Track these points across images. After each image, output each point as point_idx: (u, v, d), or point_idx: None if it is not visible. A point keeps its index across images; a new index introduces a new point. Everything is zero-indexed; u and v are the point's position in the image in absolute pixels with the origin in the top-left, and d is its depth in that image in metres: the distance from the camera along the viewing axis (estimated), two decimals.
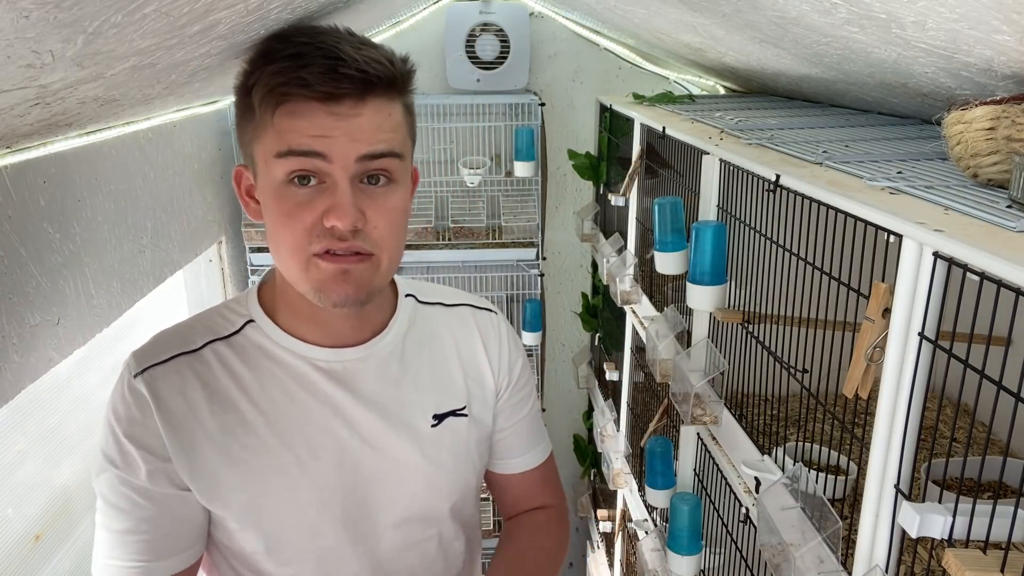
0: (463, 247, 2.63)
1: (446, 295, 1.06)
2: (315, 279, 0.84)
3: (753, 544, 1.27)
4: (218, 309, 0.96)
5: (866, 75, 1.39)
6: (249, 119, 0.83)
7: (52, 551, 1.40)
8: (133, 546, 0.87)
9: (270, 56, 0.81)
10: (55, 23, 0.54)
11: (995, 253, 0.68)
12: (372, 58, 0.80)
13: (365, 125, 0.81)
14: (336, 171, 0.81)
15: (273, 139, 0.81)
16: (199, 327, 0.93)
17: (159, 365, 0.88)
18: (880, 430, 0.86)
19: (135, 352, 0.90)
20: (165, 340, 0.92)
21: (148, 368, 0.88)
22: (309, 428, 0.91)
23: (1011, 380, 0.69)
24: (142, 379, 0.87)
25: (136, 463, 0.86)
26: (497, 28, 2.60)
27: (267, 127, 0.81)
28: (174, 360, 0.89)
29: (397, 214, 0.86)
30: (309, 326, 0.92)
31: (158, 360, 0.89)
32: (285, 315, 0.93)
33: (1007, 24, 0.82)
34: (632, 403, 2.34)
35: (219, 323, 0.93)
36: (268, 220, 0.85)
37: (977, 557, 0.71)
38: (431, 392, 0.98)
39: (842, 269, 1.00)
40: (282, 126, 0.80)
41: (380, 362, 0.95)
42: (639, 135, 2.03)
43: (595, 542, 2.94)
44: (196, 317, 0.96)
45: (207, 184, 2.00)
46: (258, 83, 0.80)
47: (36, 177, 1.16)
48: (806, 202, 1.04)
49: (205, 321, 0.94)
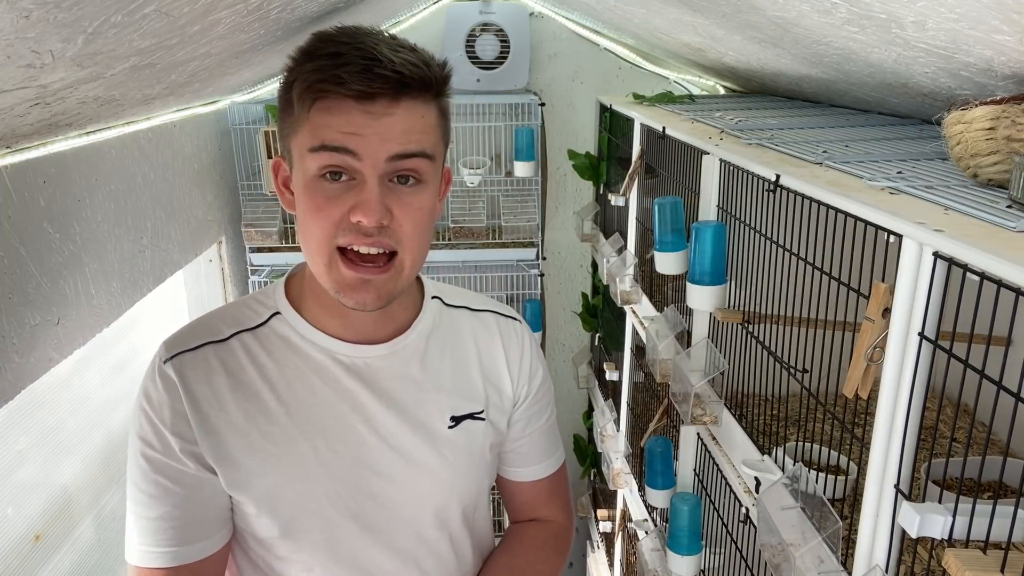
0: (463, 247, 2.63)
1: (472, 300, 1.08)
2: (336, 280, 0.86)
3: (753, 544, 1.27)
4: (245, 301, 0.98)
5: (866, 75, 1.39)
6: (288, 113, 0.86)
7: (52, 551, 1.40)
8: (166, 532, 0.90)
9: (311, 54, 0.83)
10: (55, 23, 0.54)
11: (995, 253, 0.68)
12: (408, 60, 0.82)
13: (397, 125, 0.82)
14: (366, 168, 0.82)
15: (308, 134, 0.83)
16: (227, 318, 0.96)
17: (187, 352, 0.91)
18: (880, 430, 0.86)
19: (166, 340, 0.93)
20: (194, 329, 0.94)
21: (177, 355, 0.91)
22: (328, 421, 0.93)
23: (1011, 380, 0.69)
24: (171, 365, 0.90)
25: (169, 445, 0.89)
26: (497, 28, 2.60)
27: (304, 122, 0.83)
28: (202, 348, 0.92)
29: (424, 214, 0.87)
30: (334, 319, 0.94)
31: (187, 347, 0.92)
32: (311, 307, 0.95)
33: (1007, 24, 0.82)
34: (632, 403, 2.34)
35: (246, 314, 0.96)
36: (299, 212, 0.88)
37: (977, 557, 0.71)
38: (451, 394, 0.99)
39: (842, 269, 1.00)
40: (317, 121, 0.82)
41: (402, 361, 0.97)
42: (639, 135, 2.03)
43: (595, 542, 2.94)
44: (225, 308, 0.99)
45: (207, 184, 2.00)
46: (297, 79, 0.83)
47: (36, 177, 1.16)
48: (806, 202, 1.04)
49: (233, 312, 0.97)
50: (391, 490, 0.95)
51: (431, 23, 2.69)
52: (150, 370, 0.92)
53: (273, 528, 0.93)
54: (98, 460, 1.60)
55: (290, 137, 0.87)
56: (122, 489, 1.67)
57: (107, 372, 1.65)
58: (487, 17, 2.59)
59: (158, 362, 0.91)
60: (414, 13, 2.67)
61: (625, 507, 2.33)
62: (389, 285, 0.87)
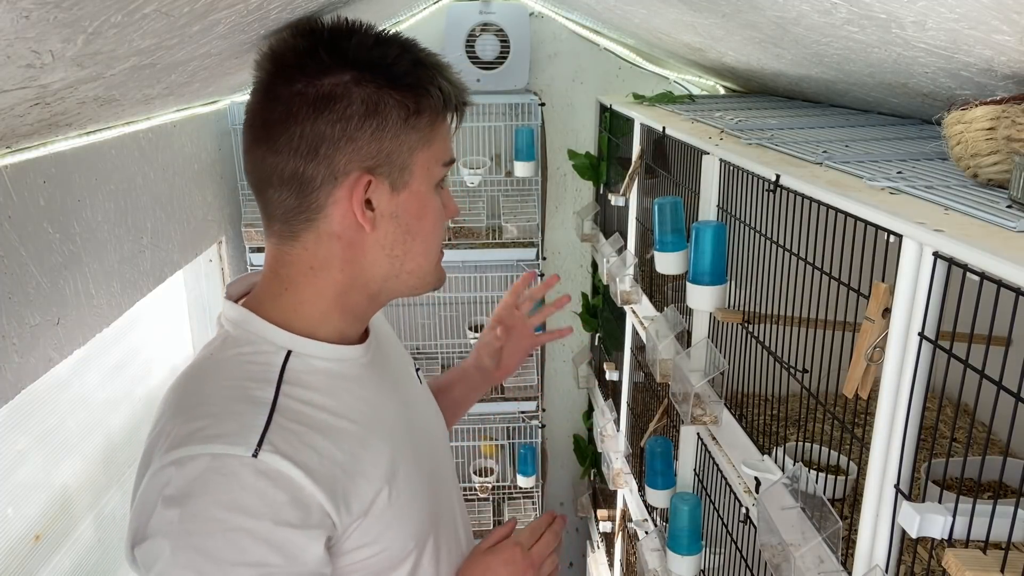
0: (463, 247, 2.64)
1: None
2: (440, 271, 0.94)
3: (753, 544, 1.27)
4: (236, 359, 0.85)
5: (866, 75, 1.39)
6: (412, 125, 0.85)
7: (52, 551, 1.40)
8: None
9: (439, 68, 0.88)
10: (55, 23, 0.54)
11: (995, 253, 0.68)
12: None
13: None
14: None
15: (442, 149, 0.89)
16: (246, 383, 0.82)
17: (268, 432, 0.77)
18: (880, 430, 0.86)
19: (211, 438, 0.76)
20: (234, 410, 0.79)
21: (261, 440, 0.76)
22: (390, 419, 0.93)
23: (1011, 380, 0.69)
24: (268, 455, 0.75)
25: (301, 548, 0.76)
26: (497, 28, 2.60)
27: (439, 137, 0.89)
28: (271, 423, 0.78)
29: None
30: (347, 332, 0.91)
31: (261, 430, 0.77)
32: (328, 329, 0.88)
33: (1007, 24, 0.82)
34: (632, 403, 2.34)
35: (258, 370, 0.83)
36: (425, 223, 0.90)
37: (977, 557, 0.71)
38: (405, 357, 1.09)
39: (842, 269, 1.00)
40: (444, 134, 0.90)
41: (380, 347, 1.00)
42: (639, 135, 2.03)
43: (595, 542, 2.94)
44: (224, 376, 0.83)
45: (207, 184, 2.00)
46: (436, 96, 0.86)
47: (36, 177, 1.16)
48: (806, 202, 1.04)
49: (242, 374, 0.83)
50: (442, 454, 1.05)
51: (431, 23, 2.69)
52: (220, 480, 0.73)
53: (404, 547, 0.89)
54: (98, 460, 1.60)
55: (415, 149, 0.86)
56: (122, 489, 1.67)
57: (107, 372, 1.64)
58: (487, 17, 2.59)
59: (235, 463, 0.74)
60: (414, 13, 2.67)
61: (625, 507, 2.33)
62: None
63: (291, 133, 0.80)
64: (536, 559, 1.01)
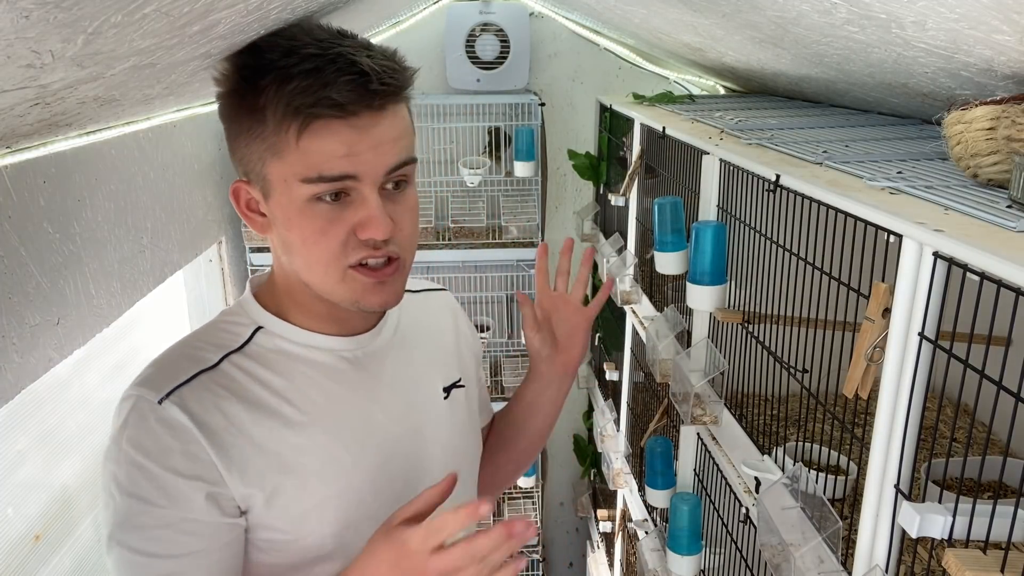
0: (463, 247, 2.64)
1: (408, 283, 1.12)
2: (352, 290, 0.86)
3: (753, 544, 1.27)
4: (216, 324, 0.92)
5: (866, 75, 1.39)
6: (257, 134, 0.81)
7: (52, 551, 1.40)
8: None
9: (286, 71, 0.78)
10: (55, 23, 0.54)
11: (995, 253, 0.68)
12: (390, 68, 0.81)
13: (386, 135, 0.82)
14: (365, 187, 0.82)
15: (299, 163, 0.80)
16: (205, 345, 0.89)
17: (183, 386, 0.83)
18: (880, 430, 0.86)
19: (142, 383, 0.83)
20: (174, 363, 0.86)
21: (172, 391, 0.82)
22: (351, 420, 0.91)
23: (1011, 380, 0.69)
24: (171, 403, 0.81)
25: (184, 495, 0.80)
26: (497, 28, 2.60)
27: (288, 148, 0.79)
28: (196, 379, 0.84)
29: (415, 211, 0.90)
30: (325, 322, 0.93)
31: (179, 382, 0.83)
32: (297, 315, 0.92)
33: (1007, 24, 0.82)
34: (632, 403, 2.34)
35: (225, 337, 0.90)
36: (293, 236, 0.84)
37: (977, 557, 0.71)
38: (436, 368, 1.03)
39: (842, 269, 1.00)
40: (308, 149, 0.79)
41: (391, 346, 0.99)
42: (639, 135, 2.03)
43: (595, 542, 2.94)
44: (195, 335, 0.91)
45: (207, 184, 2.00)
46: (276, 101, 0.78)
47: (36, 177, 1.16)
48: (806, 202, 1.04)
49: (208, 339, 0.90)
50: (419, 471, 0.96)
51: (431, 23, 2.69)
52: (135, 419, 0.81)
53: (322, 546, 0.87)
54: (98, 460, 1.59)
55: (265, 162, 0.82)
56: None
57: (107, 372, 1.65)
58: (487, 17, 2.59)
59: (146, 407, 0.81)
60: (414, 13, 2.67)
61: (625, 507, 2.33)
62: (400, 282, 0.90)
63: None
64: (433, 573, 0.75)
